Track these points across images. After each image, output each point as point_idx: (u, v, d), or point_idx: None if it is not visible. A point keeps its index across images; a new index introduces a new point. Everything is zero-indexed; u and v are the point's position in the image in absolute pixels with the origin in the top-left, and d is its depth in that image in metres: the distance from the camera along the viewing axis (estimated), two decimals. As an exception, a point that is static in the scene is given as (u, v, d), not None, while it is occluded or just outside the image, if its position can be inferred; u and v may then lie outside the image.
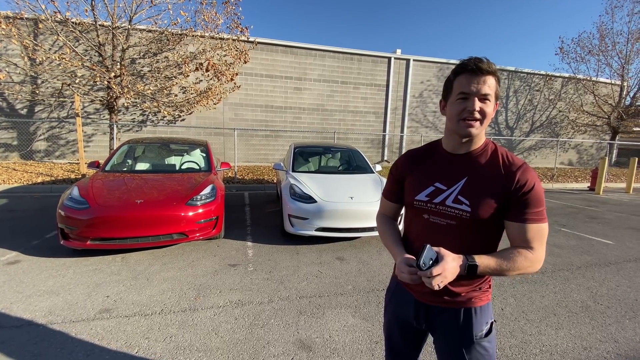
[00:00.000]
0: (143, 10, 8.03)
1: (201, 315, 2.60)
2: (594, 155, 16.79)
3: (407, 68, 12.86)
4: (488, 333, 1.10)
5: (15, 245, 3.88)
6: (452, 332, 1.11)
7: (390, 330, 1.30)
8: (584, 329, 2.63)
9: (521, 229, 0.99)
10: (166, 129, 10.79)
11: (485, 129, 1.05)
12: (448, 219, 1.05)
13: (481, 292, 1.10)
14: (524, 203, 0.98)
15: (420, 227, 1.13)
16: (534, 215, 0.98)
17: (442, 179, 1.08)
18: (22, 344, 2.18)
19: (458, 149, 1.09)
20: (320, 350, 2.24)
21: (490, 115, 1.00)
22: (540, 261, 1.00)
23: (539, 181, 1.00)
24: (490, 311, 1.13)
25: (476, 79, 0.96)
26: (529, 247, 0.99)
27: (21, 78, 9.03)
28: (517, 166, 1.01)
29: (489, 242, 1.07)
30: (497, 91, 1.00)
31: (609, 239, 5.09)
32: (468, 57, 1.00)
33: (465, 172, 1.06)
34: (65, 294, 2.86)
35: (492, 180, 1.01)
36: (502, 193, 0.99)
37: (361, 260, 3.85)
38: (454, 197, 1.04)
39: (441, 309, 1.12)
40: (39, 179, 7.62)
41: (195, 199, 3.89)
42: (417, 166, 1.17)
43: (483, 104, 0.98)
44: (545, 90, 14.97)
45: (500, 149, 1.07)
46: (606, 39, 13.22)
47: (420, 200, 1.11)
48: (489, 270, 0.97)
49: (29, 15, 7.71)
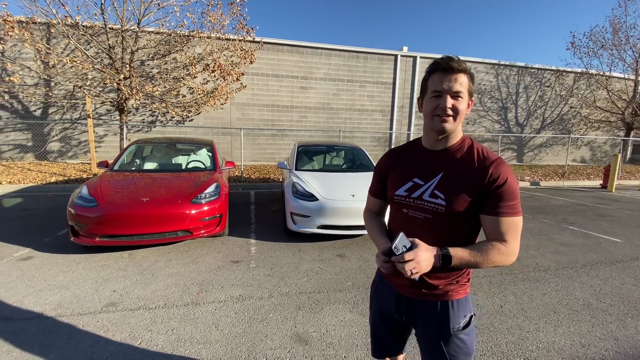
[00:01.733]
0: (151, 13, 8.21)
1: (203, 310, 2.68)
2: (608, 152, 16.39)
3: (414, 65, 12.79)
4: (466, 326, 1.13)
5: (29, 242, 4.03)
6: (430, 325, 1.15)
7: (375, 321, 1.34)
8: (583, 326, 2.61)
9: (495, 222, 1.01)
10: (175, 129, 10.99)
11: (460, 125, 1.08)
12: (425, 212, 1.08)
13: (458, 286, 1.13)
14: (498, 197, 1.00)
15: (401, 221, 1.17)
16: (507, 209, 1.00)
17: (420, 175, 1.12)
18: (32, 335, 2.29)
19: (435, 145, 1.12)
20: (316, 344, 2.28)
21: (464, 111, 1.04)
22: (515, 254, 1.02)
23: (513, 175, 1.03)
24: (469, 304, 1.16)
25: (448, 77, 1.00)
26: (502, 240, 1.01)
27: (35, 81, 9.32)
28: (491, 161, 1.03)
29: (466, 237, 1.10)
30: (470, 88, 1.04)
31: (618, 237, 5.00)
32: (441, 57, 1.03)
33: (442, 168, 1.09)
34: (74, 288, 2.97)
35: (466, 175, 1.04)
36: (475, 187, 1.02)
37: (362, 258, 3.88)
38: (431, 192, 1.07)
39: (420, 302, 1.15)
40: (53, 179, 7.85)
41: (200, 197, 3.97)
42: (398, 163, 1.21)
43: (455, 100, 1.02)
44: (557, 86, 14.68)
45: (477, 145, 1.10)
46: (619, 32, 12.89)
47: (399, 195, 1.15)
48: (463, 261, 1.00)
49: (41, 20, 7.96)
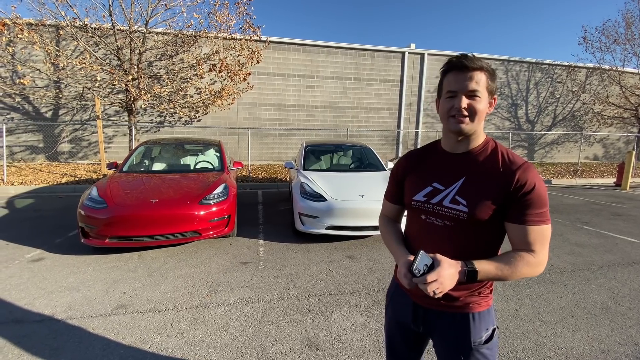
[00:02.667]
0: (158, 14, 8.25)
1: (212, 312, 2.66)
2: (622, 149, 16.00)
3: (422, 62, 12.64)
4: (488, 340, 1.06)
5: (40, 243, 4.07)
6: (449, 338, 1.09)
7: (391, 332, 1.28)
8: (602, 331, 2.53)
9: (522, 231, 0.95)
10: (183, 130, 11.03)
11: (481, 126, 1.02)
12: (445, 219, 1.03)
13: (480, 297, 1.07)
14: (525, 204, 0.94)
15: (418, 228, 1.11)
16: (536, 217, 0.94)
17: (439, 179, 1.06)
18: (43, 338, 2.29)
19: (456, 148, 1.06)
20: (327, 349, 2.25)
21: (482, 111, 0.98)
22: (543, 264, 0.96)
23: (542, 181, 0.96)
24: (492, 317, 1.09)
25: (462, 76, 0.96)
26: (530, 250, 0.95)
27: (45, 83, 9.43)
28: (517, 165, 0.97)
29: (488, 245, 1.04)
30: (489, 86, 0.98)
31: (635, 237, 4.85)
32: (455, 55, 0.98)
33: (464, 172, 1.03)
34: (84, 290, 2.98)
35: (490, 180, 0.98)
36: (500, 193, 0.96)
37: (372, 259, 3.83)
38: (452, 198, 1.01)
39: (438, 313, 1.09)
40: (64, 180, 7.95)
41: (208, 198, 3.96)
42: (416, 166, 1.15)
43: (471, 100, 0.96)
44: (569, 81, 14.35)
45: (501, 148, 1.03)
46: (632, 27, 12.56)
47: (417, 201, 1.09)
48: (489, 276, 0.94)
49: (50, 22, 8.03)
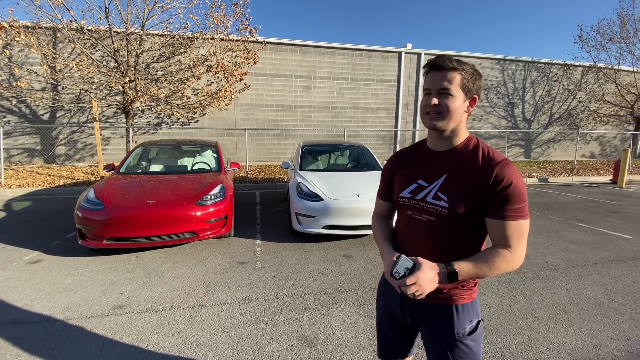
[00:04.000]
0: (155, 16, 8.25)
1: (209, 312, 2.68)
2: (618, 147, 16.09)
3: (419, 62, 12.68)
4: (472, 331, 1.09)
5: (38, 245, 4.08)
6: (434, 329, 1.12)
7: (381, 322, 1.32)
8: (595, 326, 2.56)
9: (500, 226, 0.98)
10: (180, 131, 11.04)
11: (462, 124, 1.06)
12: (428, 215, 1.06)
13: (464, 290, 1.09)
14: (503, 199, 0.96)
15: (405, 224, 1.15)
16: (513, 212, 0.96)
17: (424, 176, 1.10)
18: (40, 339, 2.31)
19: (439, 146, 1.10)
20: (322, 346, 2.27)
21: (455, 109, 1.00)
22: (520, 259, 0.99)
23: (520, 177, 0.99)
24: (475, 309, 1.12)
25: (436, 75, 1.00)
26: (507, 246, 0.98)
27: (42, 85, 9.43)
28: (496, 161, 0.99)
29: (470, 241, 1.06)
30: (464, 85, 1.00)
31: (629, 234, 4.90)
32: (435, 56, 1.03)
33: (446, 169, 1.06)
34: (82, 291, 3.00)
35: (469, 176, 1.01)
36: (479, 188, 0.99)
37: (368, 258, 3.86)
38: (434, 194, 1.05)
39: (424, 305, 1.12)
40: (61, 182, 7.96)
41: (205, 199, 3.98)
42: (404, 164, 1.20)
43: (443, 98, 0.99)
44: (564, 80, 14.43)
45: (482, 145, 1.06)
46: (627, 25, 12.64)
47: (404, 197, 1.13)
48: (470, 275, 0.98)
49: (47, 25, 8.03)
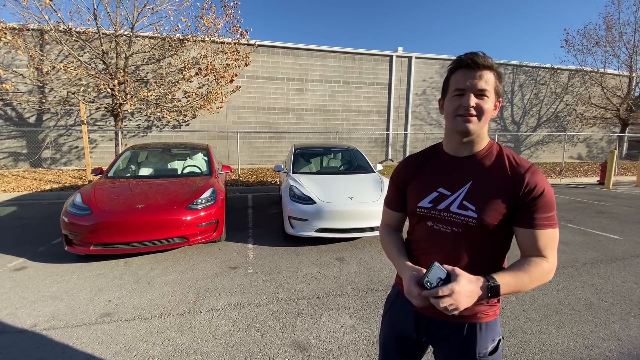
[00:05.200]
0: (144, 18, 8.14)
1: (199, 318, 2.63)
2: (605, 149, 16.45)
3: (409, 66, 12.79)
4: (493, 351, 1.01)
5: (22, 252, 3.97)
6: (453, 348, 1.04)
7: (387, 342, 1.21)
8: (586, 327, 2.58)
9: (532, 236, 0.93)
10: (171, 134, 10.92)
11: (485, 128, 1.00)
12: (453, 226, 0.99)
13: (488, 307, 1.02)
14: (534, 208, 0.92)
15: (424, 235, 1.06)
16: (545, 221, 0.92)
17: (445, 184, 1.03)
18: (24, 348, 2.23)
19: (460, 151, 1.03)
20: (315, 352, 2.24)
21: (489, 112, 0.96)
22: (554, 270, 0.94)
23: (549, 184, 0.95)
24: (498, 327, 1.05)
25: (472, 74, 0.93)
26: (541, 256, 0.93)
27: (29, 88, 9.23)
28: (525, 168, 0.95)
29: (497, 251, 1.01)
30: (497, 87, 0.96)
31: (617, 234, 4.98)
32: (465, 53, 0.95)
33: (470, 176, 1.00)
34: (68, 299, 2.91)
35: (498, 184, 0.96)
36: (510, 197, 0.94)
37: (361, 261, 3.84)
38: (459, 203, 0.98)
39: (444, 323, 1.04)
40: (47, 186, 7.77)
41: (196, 203, 3.92)
42: (419, 172, 1.11)
43: (480, 100, 0.94)
44: (552, 83, 14.73)
45: (506, 151, 1.02)
46: (613, 29, 12.94)
47: (423, 207, 1.05)
48: (510, 288, 0.88)
49: (34, 26, 7.88)
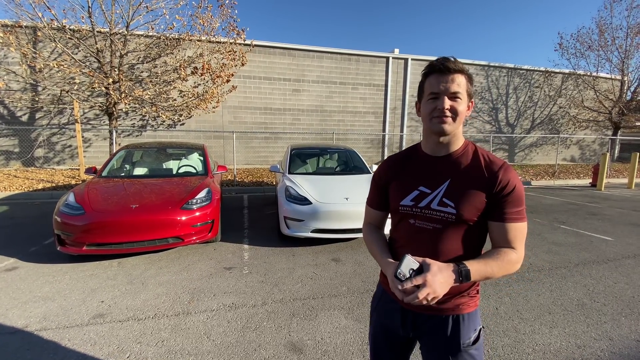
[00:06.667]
0: (140, 16, 8.07)
1: (194, 319, 2.61)
2: (597, 151, 16.67)
3: (406, 67, 12.85)
4: (476, 340, 1.08)
5: (14, 252, 3.91)
6: (439, 340, 1.09)
7: (376, 339, 1.25)
8: (578, 327, 2.61)
9: (503, 229, 1.00)
10: (166, 134, 10.84)
11: (460, 128, 1.05)
12: (434, 222, 1.04)
13: (469, 298, 1.08)
14: (507, 203, 0.99)
15: (406, 233, 1.11)
16: (515, 215, 0.99)
17: (425, 182, 1.07)
18: (15, 350, 2.20)
19: (438, 150, 1.08)
20: (311, 353, 2.24)
21: (463, 113, 1.01)
22: (521, 260, 1.01)
23: (520, 181, 1.02)
24: (478, 318, 1.11)
25: (444, 78, 0.98)
26: (511, 247, 1.00)
27: (21, 85, 9.11)
28: (499, 166, 1.01)
29: (474, 246, 1.06)
30: (469, 89, 1.01)
31: (609, 236, 5.05)
32: (437, 58, 1.00)
33: (448, 174, 1.05)
34: (60, 299, 2.88)
35: (475, 181, 1.01)
36: (486, 193, 1.00)
37: (357, 261, 3.84)
38: (439, 200, 1.03)
39: (428, 317, 1.09)
40: (40, 186, 7.68)
41: (191, 203, 3.90)
42: (400, 171, 1.16)
43: (453, 102, 0.99)
44: (545, 86, 14.89)
45: (480, 150, 1.07)
46: (605, 34, 13.07)
47: (405, 206, 1.09)
48: (480, 274, 0.95)
49: (27, 23, 7.78)
